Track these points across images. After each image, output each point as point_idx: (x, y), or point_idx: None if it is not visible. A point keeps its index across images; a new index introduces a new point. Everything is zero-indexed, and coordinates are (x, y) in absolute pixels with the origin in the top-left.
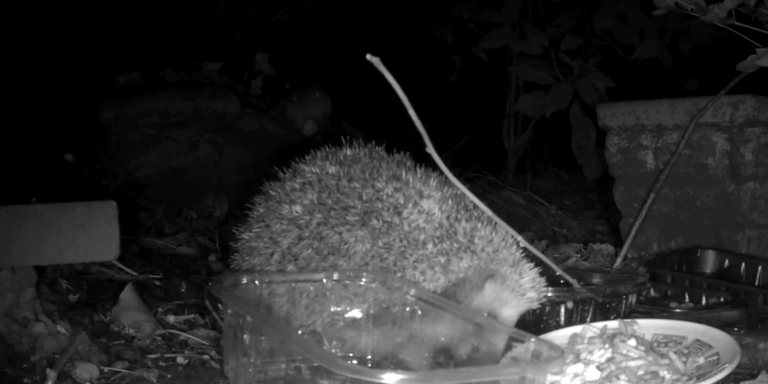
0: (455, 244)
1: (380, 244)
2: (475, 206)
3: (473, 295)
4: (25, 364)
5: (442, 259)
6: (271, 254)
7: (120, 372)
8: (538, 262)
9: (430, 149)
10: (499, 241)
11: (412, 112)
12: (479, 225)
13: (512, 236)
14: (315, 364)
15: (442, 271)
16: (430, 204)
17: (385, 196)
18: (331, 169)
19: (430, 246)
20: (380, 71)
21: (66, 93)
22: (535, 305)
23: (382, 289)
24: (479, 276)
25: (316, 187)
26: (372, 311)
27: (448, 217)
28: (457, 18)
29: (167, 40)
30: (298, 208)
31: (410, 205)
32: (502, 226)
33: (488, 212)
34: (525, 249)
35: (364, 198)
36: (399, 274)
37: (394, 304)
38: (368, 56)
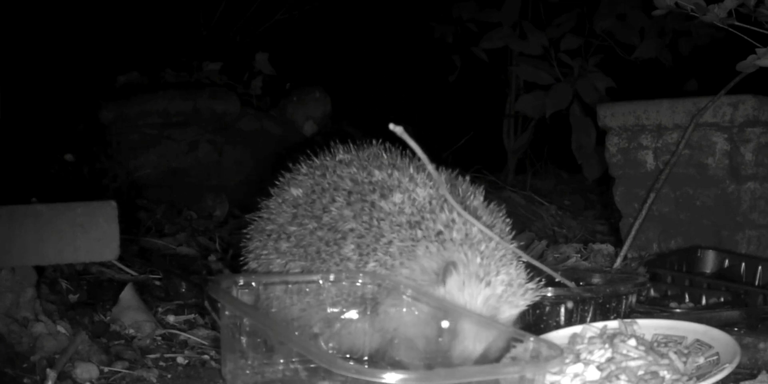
0: (428, 231)
1: (361, 223)
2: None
3: (434, 290)
4: (25, 364)
5: (410, 244)
6: (269, 234)
7: (120, 372)
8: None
9: (444, 192)
10: (477, 233)
11: (431, 167)
12: (459, 218)
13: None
14: (312, 366)
15: (407, 257)
16: (422, 192)
17: (376, 180)
18: (338, 156)
19: (403, 231)
20: (404, 139)
21: (66, 93)
22: (516, 308)
23: (378, 290)
24: (437, 263)
25: (318, 171)
26: (368, 312)
27: (431, 203)
28: (457, 18)
29: (167, 40)
30: (299, 190)
31: (399, 190)
32: (514, 250)
33: (497, 238)
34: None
35: (358, 181)
36: (372, 256)
37: (389, 305)
38: (391, 126)
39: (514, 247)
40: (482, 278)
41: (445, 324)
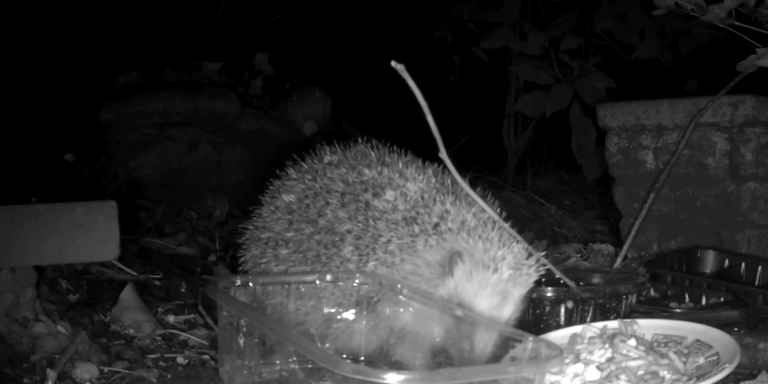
0: (425, 225)
1: (357, 223)
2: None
3: (443, 281)
4: (25, 364)
5: (409, 241)
6: (266, 242)
7: (120, 372)
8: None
9: (443, 155)
10: (472, 220)
11: (430, 118)
12: (453, 208)
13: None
14: (309, 366)
15: (408, 253)
16: (413, 186)
17: (367, 179)
18: (326, 158)
19: (400, 228)
20: (404, 78)
21: (66, 93)
22: (526, 287)
23: (374, 289)
24: (440, 255)
25: (308, 175)
26: (365, 312)
27: (423, 197)
28: (457, 18)
29: (167, 40)
30: (292, 196)
31: (391, 187)
32: (509, 231)
33: (495, 216)
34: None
35: (350, 181)
36: (371, 256)
37: (386, 305)
38: (393, 63)
39: (508, 226)
40: (488, 265)
41: (459, 312)
